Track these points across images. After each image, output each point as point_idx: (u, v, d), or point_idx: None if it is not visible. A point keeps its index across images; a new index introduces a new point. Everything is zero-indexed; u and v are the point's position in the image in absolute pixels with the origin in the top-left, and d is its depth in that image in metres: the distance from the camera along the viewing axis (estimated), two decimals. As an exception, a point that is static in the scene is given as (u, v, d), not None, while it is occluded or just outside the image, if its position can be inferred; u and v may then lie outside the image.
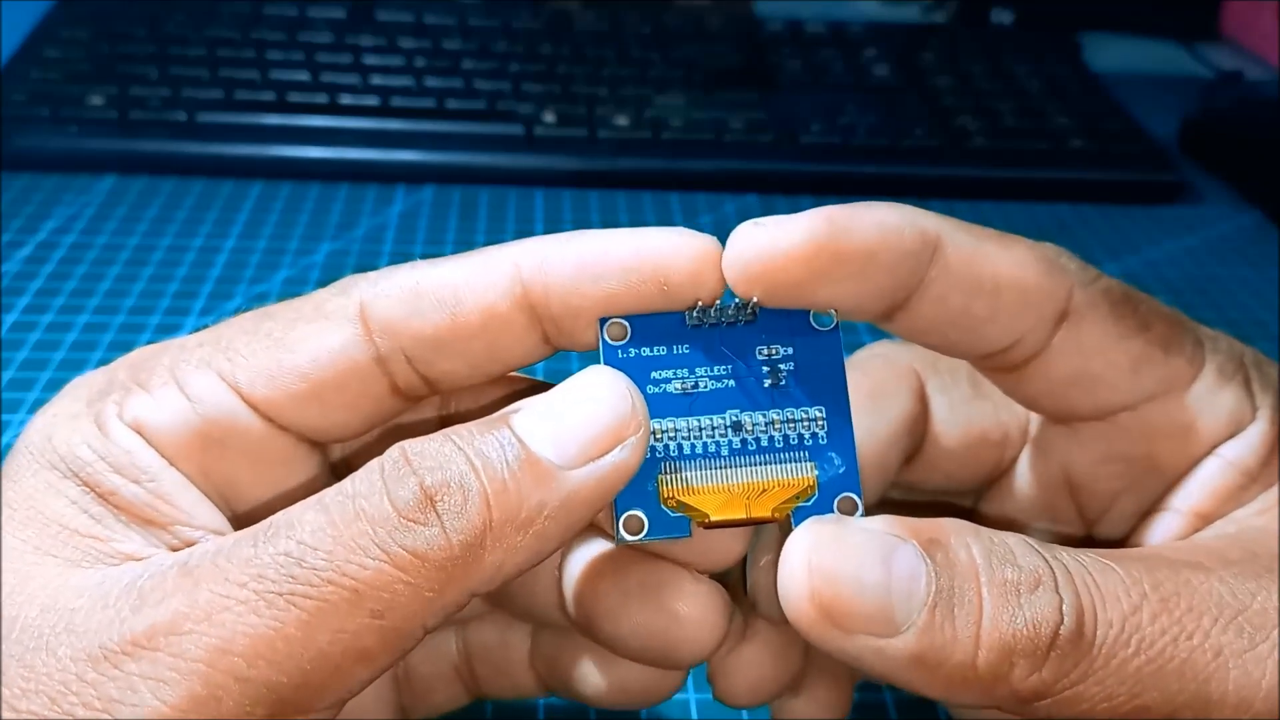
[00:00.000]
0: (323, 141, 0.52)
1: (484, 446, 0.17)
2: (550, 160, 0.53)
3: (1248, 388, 0.20)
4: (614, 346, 0.19)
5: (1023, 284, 0.19)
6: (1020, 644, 0.16)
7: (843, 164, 0.54)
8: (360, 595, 0.16)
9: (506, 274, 0.19)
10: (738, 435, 0.19)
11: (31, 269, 0.45)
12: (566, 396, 0.18)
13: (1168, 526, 0.20)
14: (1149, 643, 0.17)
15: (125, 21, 0.58)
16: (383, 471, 0.17)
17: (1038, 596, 0.17)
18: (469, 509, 0.16)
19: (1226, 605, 0.17)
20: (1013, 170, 0.55)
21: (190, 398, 0.19)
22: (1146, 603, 0.17)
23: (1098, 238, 0.52)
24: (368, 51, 0.58)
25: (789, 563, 0.17)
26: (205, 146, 0.52)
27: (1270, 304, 0.48)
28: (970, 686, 0.17)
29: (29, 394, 0.38)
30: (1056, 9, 0.74)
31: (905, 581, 0.17)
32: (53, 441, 0.18)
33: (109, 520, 0.18)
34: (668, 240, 0.18)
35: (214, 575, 0.16)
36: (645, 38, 0.62)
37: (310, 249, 0.48)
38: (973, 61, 0.62)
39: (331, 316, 0.19)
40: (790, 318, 0.19)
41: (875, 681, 0.25)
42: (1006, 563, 0.17)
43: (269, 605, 0.16)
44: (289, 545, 0.16)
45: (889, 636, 0.17)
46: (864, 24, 0.66)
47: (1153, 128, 0.59)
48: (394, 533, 0.16)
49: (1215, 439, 0.20)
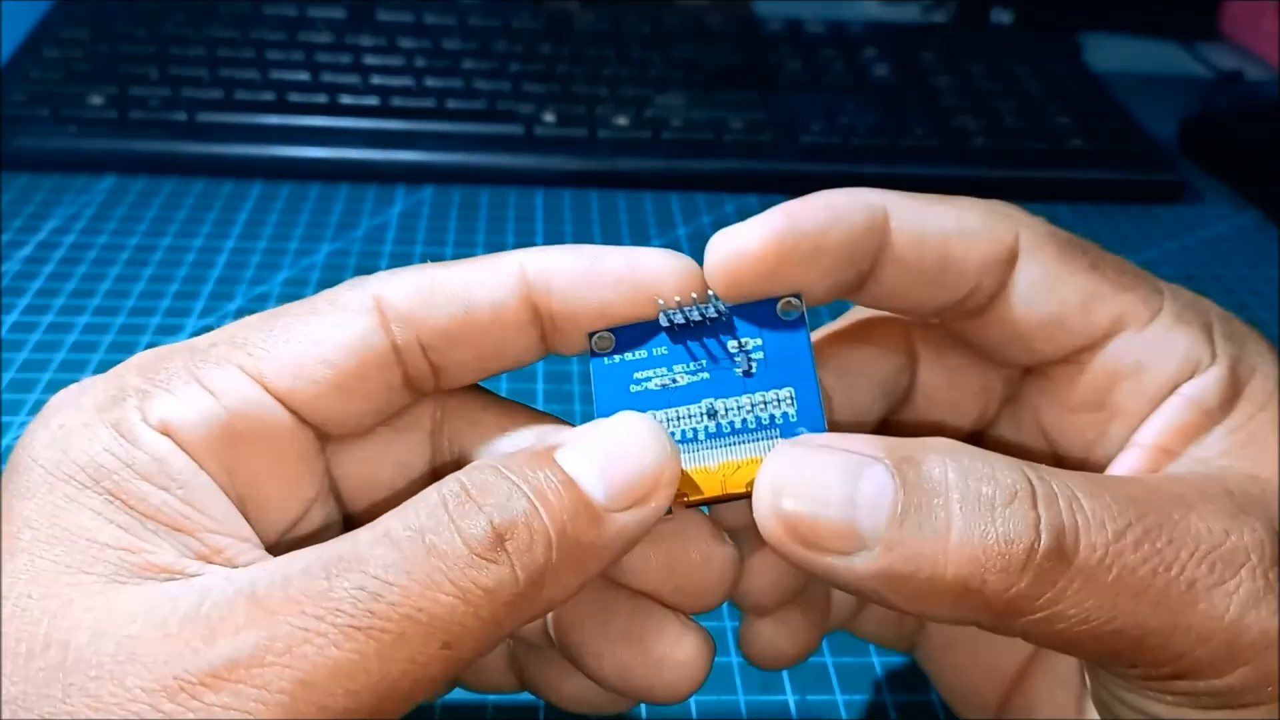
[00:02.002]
0: (323, 141, 0.52)
1: (540, 484, 0.17)
2: (550, 160, 0.53)
3: (1207, 333, 0.21)
4: (600, 355, 0.21)
5: (969, 235, 0.20)
6: (991, 558, 0.17)
7: (843, 164, 0.54)
8: (433, 628, 0.16)
9: (514, 275, 0.20)
10: (712, 420, 0.20)
11: (31, 269, 0.45)
12: (609, 438, 0.19)
13: (1133, 461, 0.21)
14: (1130, 570, 0.17)
15: (125, 21, 0.58)
16: (446, 506, 0.17)
17: (1012, 511, 0.17)
18: (535, 548, 0.17)
19: (1203, 541, 0.18)
20: (1013, 170, 0.55)
21: (215, 393, 0.19)
22: (1131, 530, 0.17)
23: (1098, 238, 0.52)
24: (368, 51, 0.58)
25: (760, 485, 0.18)
26: (205, 146, 0.52)
27: (1270, 304, 0.48)
28: (941, 600, 0.17)
29: (29, 395, 0.38)
30: (1056, 9, 0.74)
31: (871, 498, 0.17)
32: (69, 453, 0.18)
33: (137, 529, 0.17)
34: (658, 259, 0.20)
35: (289, 608, 0.16)
36: (645, 38, 0.62)
37: (310, 249, 0.48)
38: (973, 61, 0.62)
39: (348, 308, 0.20)
40: (758, 312, 0.20)
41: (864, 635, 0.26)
42: (984, 478, 0.17)
43: (348, 639, 0.16)
44: (364, 580, 0.16)
45: (855, 553, 0.17)
46: (864, 24, 0.66)
47: (1153, 128, 0.59)
48: (467, 570, 0.17)
49: (1172, 379, 0.20)
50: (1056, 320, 0.21)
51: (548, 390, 0.40)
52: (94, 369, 0.39)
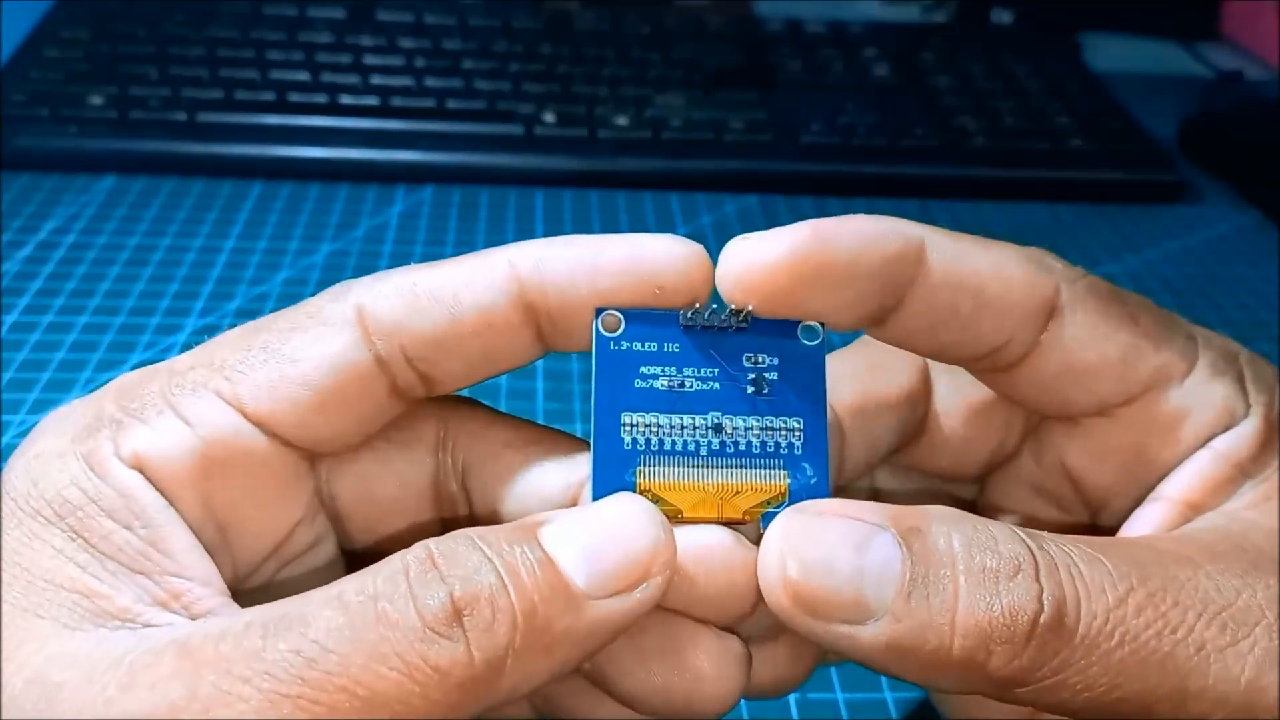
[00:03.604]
0: (323, 141, 0.52)
1: (515, 560, 0.16)
2: (550, 160, 0.53)
3: (1240, 383, 0.20)
4: (606, 337, 0.19)
5: (1007, 282, 0.19)
6: (997, 631, 0.17)
7: (843, 164, 0.54)
8: (372, 706, 0.15)
9: (503, 274, 0.19)
10: (717, 437, 0.19)
11: (31, 269, 0.45)
12: (599, 520, 0.18)
13: (1158, 515, 0.20)
14: (1133, 635, 0.17)
15: (125, 21, 0.58)
16: (408, 573, 0.16)
17: (1016, 584, 0.17)
18: (497, 628, 0.16)
19: (1211, 601, 0.17)
20: (1013, 170, 0.55)
21: (191, 422, 0.18)
22: (1133, 595, 0.17)
23: (1098, 238, 0.52)
24: (368, 51, 0.58)
25: (766, 551, 0.18)
26: (205, 146, 0.52)
27: (1270, 304, 0.48)
28: (947, 672, 0.17)
29: (29, 394, 0.38)
30: (1056, 9, 0.74)
31: (879, 568, 0.17)
32: (38, 486, 0.17)
33: (96, 569, 0.17)
34: (662, 245, 0.19)
35: (216, 664, 0.15)
36: (645, 38, 0.62)
37: (310, 249, 0.48)
38: (973, 61, 0.62)
39: (329, 322, 0.19)
40: (779, 329, 0.19)
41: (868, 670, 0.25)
42: (987, 550, 0.17)
43: (273, 707, 0.15)
44: (301, 643, 0.15)
45: (863, 623, 0.17)
46: (864, 24, 0.66)
47: (1153, 128, 0.59)
48: (417, 644, 0.15)
49: (1208, 432, 0.20)
50: (1095, 377, 0.20)
51: (548, 389, 0.40)
52: (94, 369, 0.39)
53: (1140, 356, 0.20)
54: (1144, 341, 0.20)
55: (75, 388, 0.38)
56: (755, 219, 0.51)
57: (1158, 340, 0.20)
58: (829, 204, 0.53)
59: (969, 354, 0.20)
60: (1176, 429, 0.20)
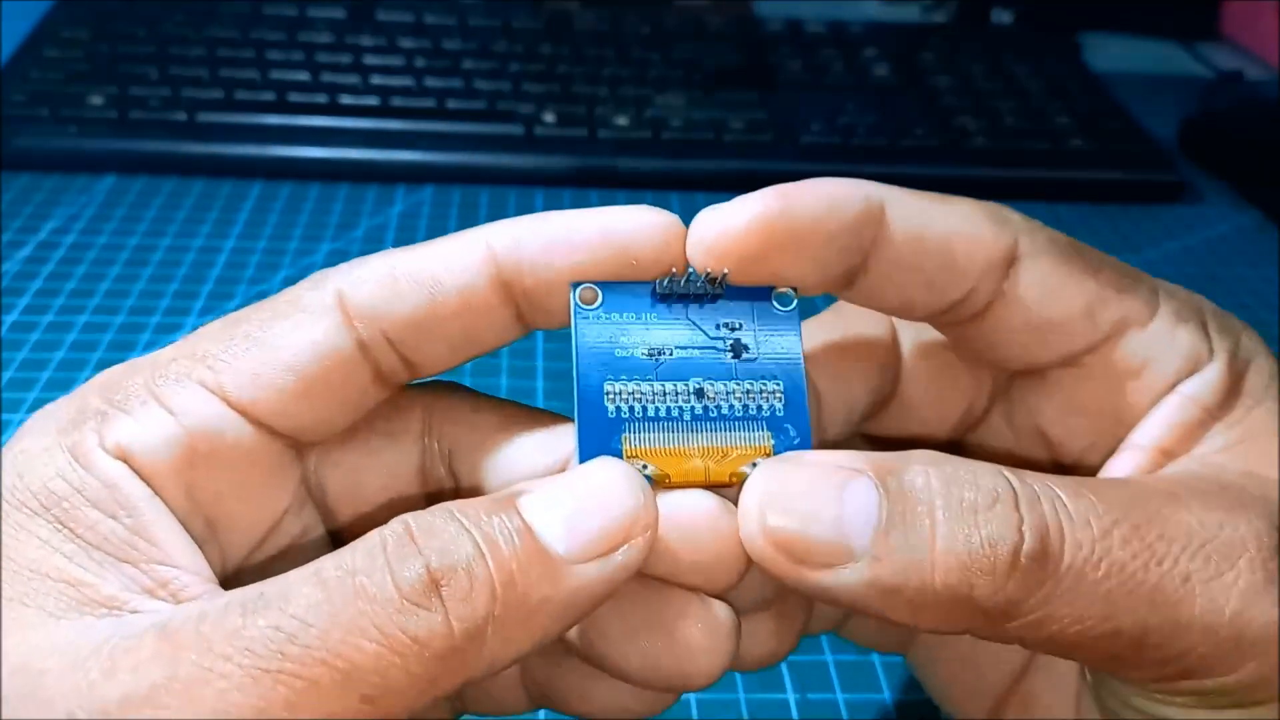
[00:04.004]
0: (323, 141, 0.52)
1: (492, 530, 0.16)
2: (550, 160, 0.53)
3: (1204, 330, 0.21)
4: (584, 310, 0.19)
5: (967, 235, 0.20)
6: (977, 562, 0.17)
7: (843, 164, 0.54)
8: (353, 679, 0.15)
9: (480, 254, 0.19)
10: (700, 402, 0.19)
11: (31, 269, 0.45)
12: (579, 486, 0.18)
13: (1130, 463, 0.20)
14: (1119, 566, 0.17)
15: (125, 21, 0.58)
16: (385, 547, 0.16)
17: (994, 514, 0.17)
18: (475, 597, 0.16)
19: (1195, 534, 0.17)
20: (1013, 170, 0.55)
21: (174, 412, 0.18)
22: (1118, 527, 0.17)
23: (1098, 238, 0.52)
24: (368, 51, 0.58)
25: (746, 503, 0.18)
26: (205, 146, 0.52)
27: (1270, 304, 0.48)
28: (933, 609, 0.17)
29: (29, 394, 0.38)
30: (1056, 9, 0.74)
31: (857, 510, 0.17)
32: (24, 478, 0.17)
33: (82, 558, 0.17)
34: (635, 217, 0.19)
35: (196, 644, 0.15)
36: (645, 38, 0.62)
37: (310, 249, 0.48)
38: (973, 61, 0.62)
39: (309, 309, 0.19)
40: (753, 294, 0.20)
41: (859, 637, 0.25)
42: (965, 484, 0.17)
43: (255, 683, 0.15)
44: (280, 619, 0.15)
45: (844, 566, 0.17)
46: (864, 24, 0.66)
47: (1153, 128, 0.59)
48: (395, 615, 0.15)
49: (1174, 377, 0.20)
50: (1059, 325, 0.20)
51: (548, 388, 0.40)
52: (93, 368, 0.39)
53: (1102, 303, 0.20)
54: (1105, 289, 0.20)
55: (75, 387, 0.38)
56: (755, 219, 0.51)
57: (1120, 288, 0.20)
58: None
59: (934, 309, 0.20)
60: (1141, 375, 0.20)
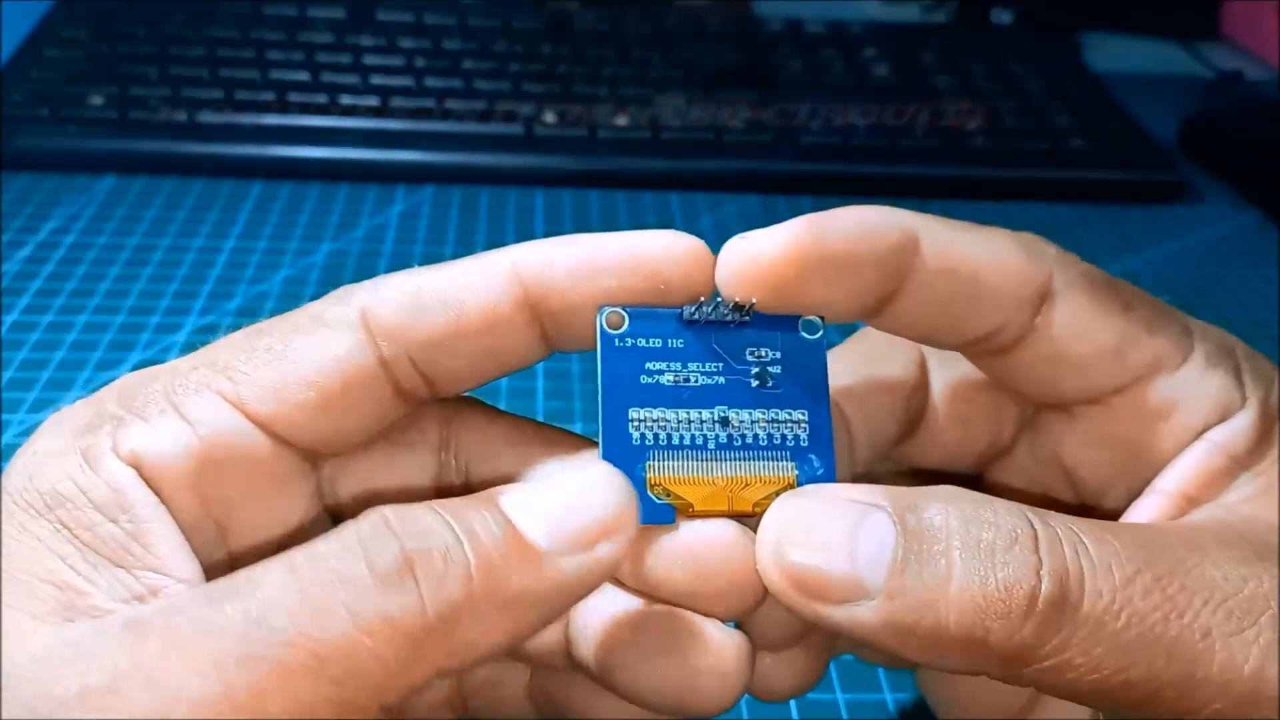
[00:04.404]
0: (323, 141, 0.52)
1: (472, 522, 0.16)
2: (550, 160, 0.53)
3: (1237, 375, 0.20)
4: (611, 335, 0.19)
5: (1001, 268, 0.19)
6: (992, 605, 0.16)
7: (843, 164, 0.54)
8: (321, 660, 0.15)
9: (506, 274, 0.19)
10: (724, 430, 0.19)
11: (31, 269, 0.45)
12: (561, 482, 0.18)
13: (1154, 508, 0.20)
14: (1139, 617, 0.17)
15: (125, 21, 0.58)
16: (359, 534, 0.16)
17: (1012, 556, 0.17)
18: (450, 577, 0.16)
19: (1218, 588, 0.17)
20: (1013, 170, 0.55)
21: (191, 421, 0.18)
22: (1140, 577, 0.17)
23: (1098, 238, 0.52)
24: (368, 51, 0.58)
25: (763, 535, 0.18)
26: (205, 146, 0.52)
27: (1270, 304, 0.48)
28: (947, 650, 0.17)
29: (29, 394, 0.38)
30: (1056, 9, 0.74)
31: (873, 546, 0.17)
32: (34, 480, 0.17)
33: (76, 560, 0.17)
34: (663, 241, 0.19)
35: (162, 633, 0.15)
36: (645, 38, 0.62)
37: (310, 249, 0.48)
38: (973, 61, 0.62)
39: (332, 324, 0.19)
40: (780, 323, 0.20)
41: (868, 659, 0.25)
42: (985, 524, 0.17)
43: (217, 668, 0.15)
44: (248, 603, 0.15)
45: (859, 603, 0.17)
46: (864, 24, 0.66)
47: (1153, 128, 0.59)
48: (366, 595, 0.15)
49: (1203, 423, 0.20)
50: (1088, 363, 0.20)
51: (548, 388, 0.40)
52: (94, 368, 0.39)
53: (1133, 344, 0.20)
54: (1137, 329, 0.20)
55: (75, 387, 0.38)
56: (755, 219, 0.51)
57: (1152, 329, 0.20)
58: (829, 204, 0.53)
59: (964, 339, 0.20)
60: (1169, 419, 0.20)
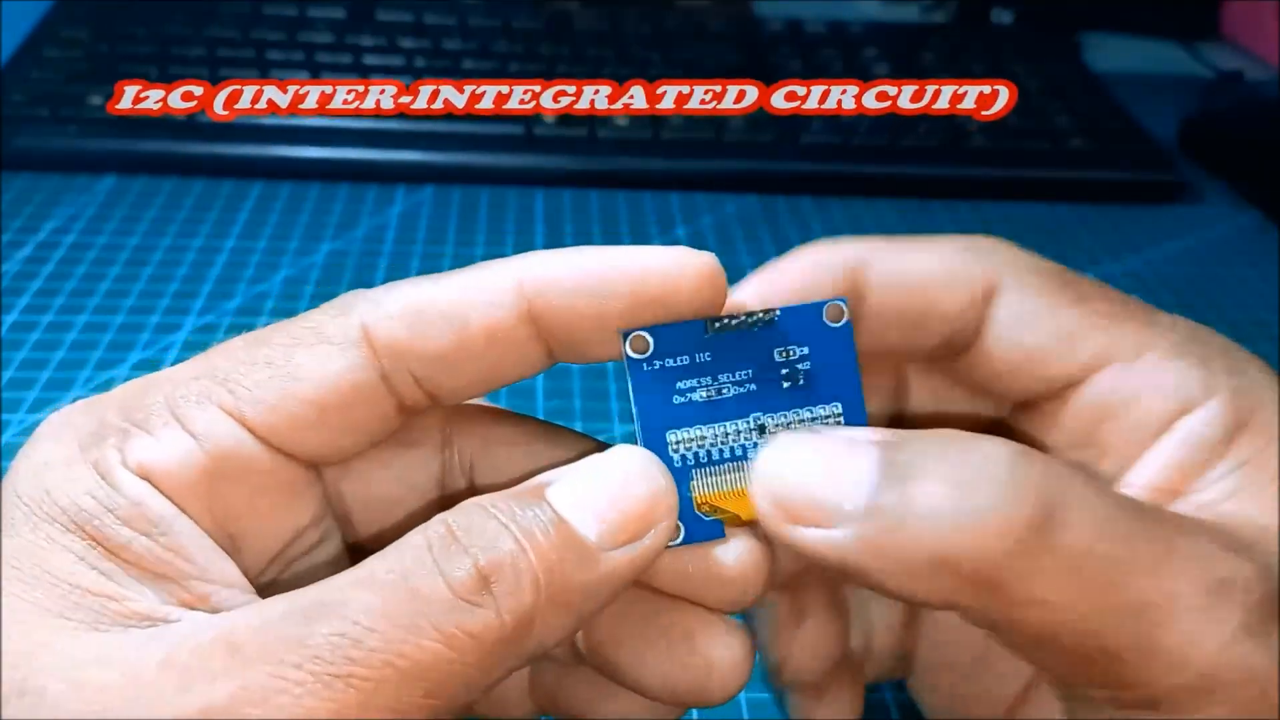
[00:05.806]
0: (323, 141, 0.52)
1: (527, 523, 0.17)
2: (550, 160, 0.53)
3: (1206, 366, 0.20)
4: (639, 360, 0.19)
5: (947, 276, 0.20)
6: (968, 525, 0.17)
7: (843, 164, 0.54)
8: (415, 676, 0.16)
9: (510, 290, 0.19)
10: (763, 438, 0.19)
11: (31, 269, 0.45)
12: (603, 474, 0.18)
13: None
14: (1115, 564, 0.17)
15: (125, 21, 0.58)
16: (430, 548, 0.17)
17: (994, 484, 0.17)
18: (522, 591, 0.17)
19: (1198, 563, 0.17)
20: (1013, 170, 0.55)
21: (195, 435, 0.18)
22: (1125, 526, 0.17)
23: (1098, 238, 0.52)
24: (368, 51, 0.58)
25: (757, 466, 0.19)
26: (205, 146, 0.52)
27: (1270, 304, 0.48)
28: (919, 572, 0.17)
29: (29, 394, 0.38)
30: (1056, 9, 0.74)
31: (856, 473, 0.17)
32: (51, 494, 0.17)
33: (119, 576, 0.17)
34: (671, 259, 0.19)
35: (266, 655, 0.16)
36: (645, 38, 0.62)
37: (310, 249, 0.48)
38: (973, 61, 0.62)
39: (333, 340, 0.19)
40: (803, 318, 0.20)
41: None
42: (969, 448, 0.17)
43: (326, 687, 0.16)
44: (343, 625, 0.16)
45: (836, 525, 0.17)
46: (864, 24, 0.66)
47: (1153, 128, 0.59)
48: (450, 613, 0.16)
49: (1168, 414, 0.20)
50: (1037, 356, 0.20)
51: (548, 387, 0.40)
52: (93, 368, 0.39)
53: (1087, 335, 0.20)
54: (1092, 320, 0.20)
55: (75, 387, 0.38)
56: (755, 219, 0.51)
57: (1107, 319, 0.20)
58: (829, 204, 0.53)
59: (924, 346, 0.21)
60: (1129, 411, 0.20)
